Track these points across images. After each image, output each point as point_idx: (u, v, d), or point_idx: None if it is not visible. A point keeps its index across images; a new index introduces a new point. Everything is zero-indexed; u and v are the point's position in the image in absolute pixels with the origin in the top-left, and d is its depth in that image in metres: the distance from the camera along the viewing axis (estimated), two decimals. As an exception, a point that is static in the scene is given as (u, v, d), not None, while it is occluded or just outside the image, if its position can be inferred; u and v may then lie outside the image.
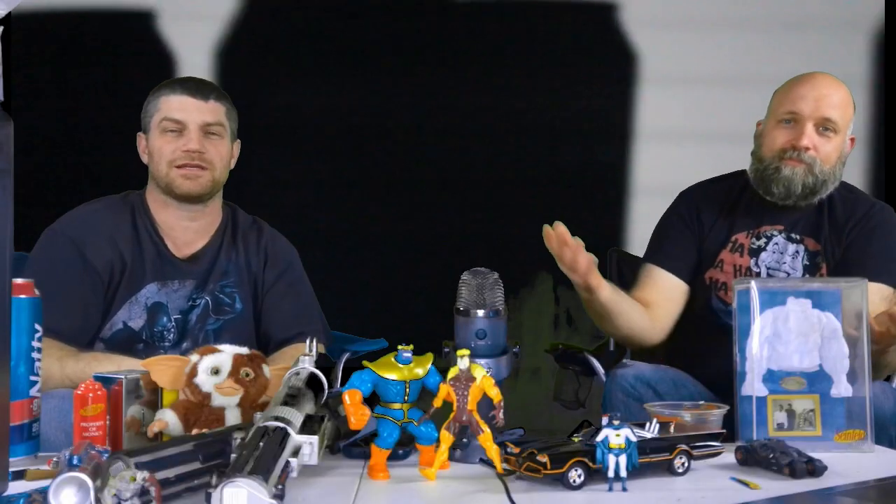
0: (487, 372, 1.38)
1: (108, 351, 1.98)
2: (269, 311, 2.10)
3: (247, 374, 1.47)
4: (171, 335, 2.01)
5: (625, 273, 2.65)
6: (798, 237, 2.14)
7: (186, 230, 2.07)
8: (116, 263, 2.01)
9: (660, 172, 3.45)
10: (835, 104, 2.09)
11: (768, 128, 2.16)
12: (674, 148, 3.51)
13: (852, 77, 3.56)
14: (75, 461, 1.12)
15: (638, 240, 2.34)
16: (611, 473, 1.29)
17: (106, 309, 2.00)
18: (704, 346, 2.05)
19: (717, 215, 2.22)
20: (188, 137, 2.01)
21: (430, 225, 3.61)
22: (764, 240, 2.15)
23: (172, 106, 2.03)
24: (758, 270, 2.12)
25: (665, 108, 3.60)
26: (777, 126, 2.13)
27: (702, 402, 1.68)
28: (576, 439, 1.36)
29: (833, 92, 2.10)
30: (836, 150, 2.12)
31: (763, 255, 2.14)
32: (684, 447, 1.39)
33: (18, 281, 1.42)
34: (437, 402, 1.38)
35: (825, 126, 2.09)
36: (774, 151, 2.11)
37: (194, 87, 2.05)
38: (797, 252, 2.13)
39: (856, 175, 3.51)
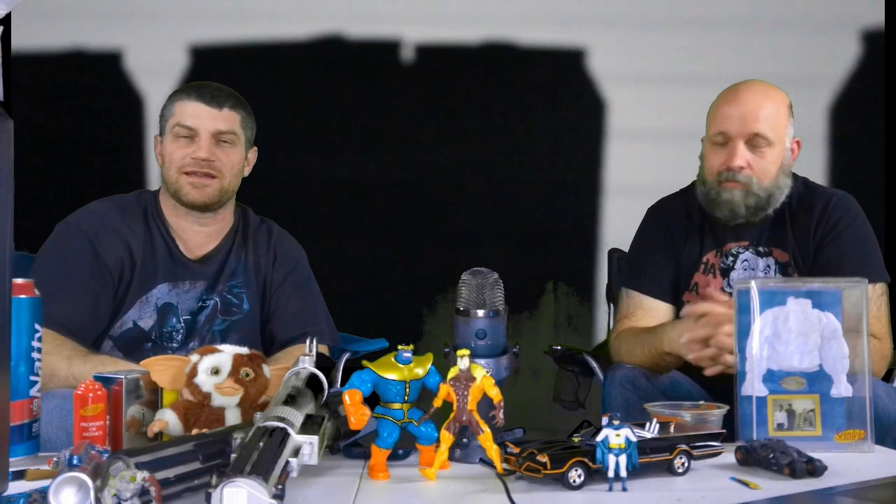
0: (487, 372, 1.38)
1: (117, 349, 1.98)
2: (275, 311, 2.11)
3: (247, 374, 1.47)
4: (180, 335, 2.02)
5: (625, 273, 2.64)
6: (766, 249, 2.10)
7: (197, 234, 2.08)
8: (127, 262, 2.01)
9: (661, 173, 3.44)
10: (763, 118, 2.03)
11: (706, 150, 2.13)
12: (674, 148, 3.51)
13: (852, 77, 3.58)
14: (75, 461, 1.11)
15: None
16: (611, 473, 1.29)
17: (116, 308, 2.00)
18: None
19: (686, 233, 2.17)
20: (199, 145, 2.01)
21: (430, 225, 3.61)
22: (731, 258, 2.12)
23: (186, 112, 2.03)
24: (730, 291, 2.03)
25: (667, 109, 3.60)
26: (712, 148, 2.09)
27: (702, 402, 1.67)
28: (576, 439, 1.36)
29: (759, 107, 2.04)
30: (775, 163, 2.06)
31: (733, 274, 2.10)
32: (684, 447, 1.39)
33: (18, 281, 1.42)
34: (437, 402, 1.38)
35: (756, 142, 2.05)
36: (713, 175, 2.08)
37: (209, 95, 2.03)
38: (768, 266, 2.09)
39: (853, 174, 3.53)
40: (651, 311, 2.14)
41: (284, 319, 2.09)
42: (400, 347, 1.39)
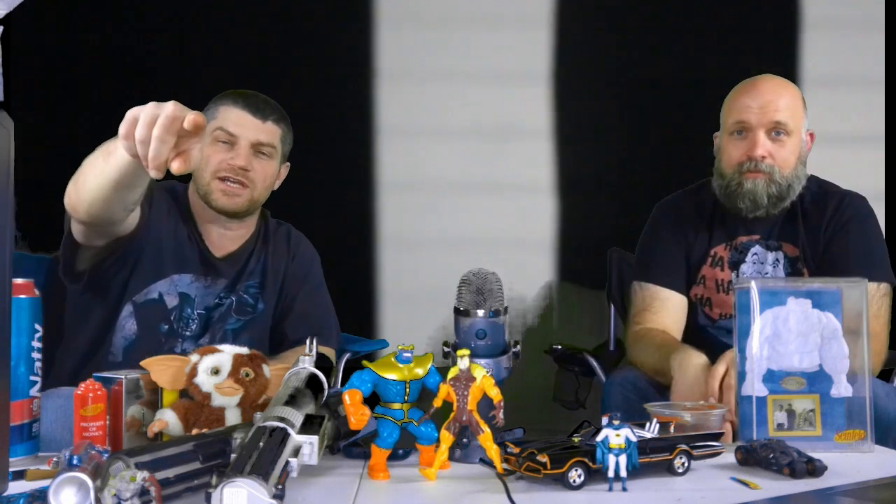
0: (487, 372, 1.38)
1: (135, 317, 2.00)
2: (289, 311, 2.13)
3: (247, 374, 1.47)
4: (194, 326, 2.03)
5: (625, 273, 2.65)
6: (776, 244, 2.12)
7: (222, 236, 2.11)
8: (168, 222, 2.04)
9: (661, 173, 3.45)
10: (782, 107, 2.07)
11: (723, 142, 2.15)
12: (673, 147, 3.52)
13: (853, 77, 3.58)
14: (75, 461, 1.12)
15: (637, 240, 2.33)
16: (611, 473, 1.29)
17: (155, 268, 2.00)
18: None
19: (695, 227, 2.19)
20: (237, 153, 2.03)
21: (430, 225, 3.61)
22: (742, 251, 2.13)
23: (230, 118, 2.04)
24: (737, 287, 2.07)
25: (664, 110, 3.60)
26: (730, 139, 2.12)
27: (702, 402, 1.68)
28: (576, 439, 1.36)
29: (777, 97, 2.08)
30: (794, 153, 2.09)
31: (743, 267, 2.12)
32: (684, 447, 1.39)
33: (18, 281, 1.42)
34: (437, 402, 1.38)
35: (777, 130, 2.07)
36: (733, 166, 2.10)
37: (255, 106, 2.06)
38: (777, 260, 2.11)
39: (857, 173, 3.52)
40: (667, 301, 2.15)
41: (297, 319, 2.12)
42: (400, 347, 1.39)
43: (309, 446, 1.14)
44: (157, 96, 1.36)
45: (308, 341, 1.42)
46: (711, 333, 2.14)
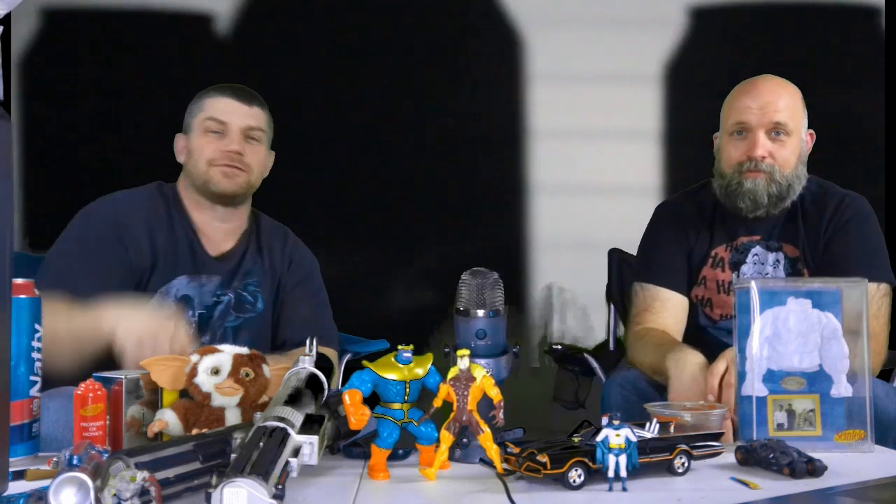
0: (487, 372, 1.38)
1: None
2: (287, 315, 2.13)
3: (247, 374, 1.47)
4: (193, 328, 2.02)
5: (625, 273, 2.65)
6: (777, 245, 2.12)
7: (217, 231, 2.10)
8: (149, 252, 2.02)
9: (660, 172, 3.45)
10: (781, 108, 2.07)
11: (723, 142, 2.14)
12: (673, 148, 3.52)
13: (852, 77, 3.59)
14: (75, 461, 1.12)
15: (638, 240, 2.33)
16: (611, 473, 1.29)
17: (157, 279, 2.01)
18: None
19: (696, 228, 2.19)
20: (230, 139, 2.05)
21: (430, 225, 3.61)
22: (743, 252, 2.13)
23: (218, 107, 2.06)
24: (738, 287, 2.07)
25: (670, 111, 3.60)
26: (730, 140, 2.11)
27: (702, 402, 1.67)
28: (576, 439, 1.36)
29: (777, 97, 2.08)
30: (794, 153, 2.09)
31: (744, 268, 2.12)
32: (684, 447, 1.39)
33: (18, 281, 1.42)
34: (437, 402, 1.38)
35: (777, 131, 2.07)
36: (733, 166, 2.10)
37: (240, 92, 2.09)
38: (777, 261, 2.11)
39: (857, 174, 3.52)
40: (668, 301, 2.15)
41: (295, 323, 2.12)
42: (400, 347, 1.39)
43: (309, 446, 1.14)
44: (160, 95, 1.36)
45: (308, 341, 1.42)
46: (712, 334, 2.14)
